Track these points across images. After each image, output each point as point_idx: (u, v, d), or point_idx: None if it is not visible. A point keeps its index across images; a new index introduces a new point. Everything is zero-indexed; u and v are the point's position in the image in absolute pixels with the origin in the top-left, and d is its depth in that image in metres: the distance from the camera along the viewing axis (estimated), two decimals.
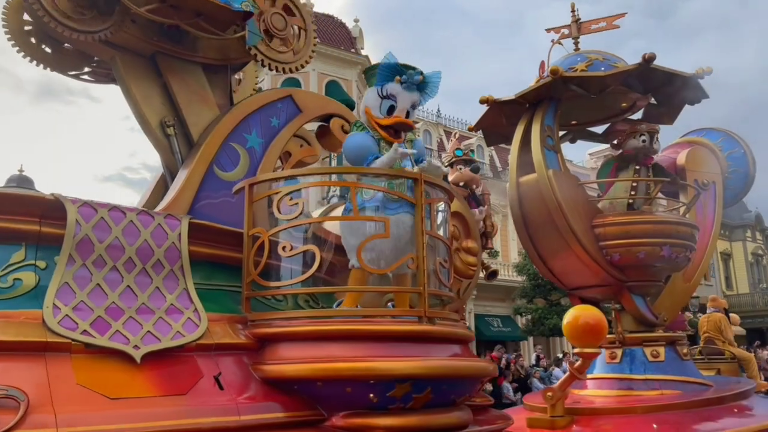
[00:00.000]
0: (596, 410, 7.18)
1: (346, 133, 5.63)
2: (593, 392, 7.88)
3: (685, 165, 8.72)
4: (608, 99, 8.23)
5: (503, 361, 26.30)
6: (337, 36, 35.62)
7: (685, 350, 7.98)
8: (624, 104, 8.43)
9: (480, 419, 4.94)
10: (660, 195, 8.52)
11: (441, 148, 37.97)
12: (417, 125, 37.89)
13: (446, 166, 6.88)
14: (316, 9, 36.77)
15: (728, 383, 8.36)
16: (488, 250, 6.90)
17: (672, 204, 8.44)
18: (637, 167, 7.99)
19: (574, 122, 8.86)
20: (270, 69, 5.33)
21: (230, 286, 4.29)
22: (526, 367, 25.15)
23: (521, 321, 36.24)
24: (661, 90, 8.12)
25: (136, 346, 3.46)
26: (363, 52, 35.80)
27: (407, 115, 4.32)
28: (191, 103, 5.06)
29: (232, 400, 3.51)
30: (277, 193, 4.01)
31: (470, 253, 5.98)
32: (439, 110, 40.28)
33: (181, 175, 4.78)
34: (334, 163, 20.89)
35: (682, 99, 8.29)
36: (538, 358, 26.73)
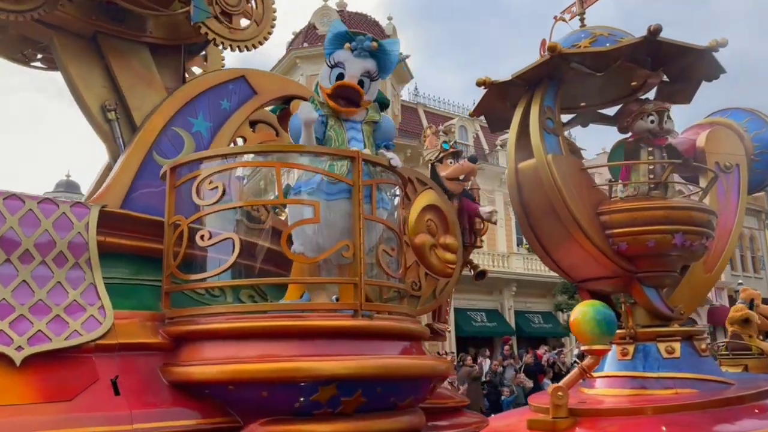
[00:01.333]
0: (602, 411, 6.55)
1: None
2: (602, 391, 7.24)
3: (705, 147, 7.96)
4: (617, 78, 7.58)
5: (546, 359, 25.51)
6: (370, 34, 35.19)
7: (703, 346, 7.26)
8: (634, 83, 7.75)
9: (451, 423, 4.45)
10: (679, 180, 7.83)
11: (477, 143, 37.24)
12: (452, 121, 37.24)
13: (434, 162, 6.35)
14: (349, 8, 36.52)
15: (753, 381, 7.60)
16: (478, 247, 6.37)
17: (689, 189, 7.71)
18: (650, 149, 7.30)
19: (582, 104, 8.21)
20: (224, 48, 4.90)
21: (157, 281, 3.87)
22: (568, 364, 24.34)
23: (562, 317, 35.27)
24: (672, 66, 7.42)
25: (19, 347, 3.07)
26: None
27: (361, 85, 3.85)
28: (134, 86, 4.69)
29: (126, 406, 3.09)
30: (196, 176, 3.59)
31: (448, 249, 5.49)
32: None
33: (118, 163, 4.40)
34: None
35: (698, 75, 7.57)
36: (582, 356, 25.95)
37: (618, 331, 7.44)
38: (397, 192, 3.99)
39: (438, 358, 3.75)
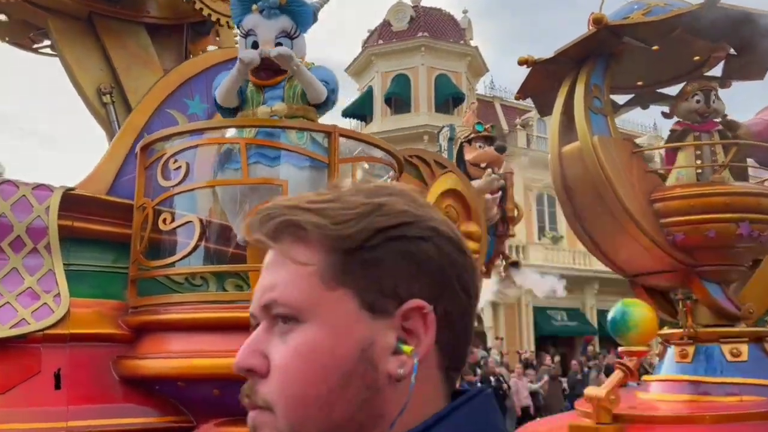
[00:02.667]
0: (653, 418, 5.92)
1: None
2: (658, 396, 6.58)
3: None
4: (677, 53, 6.89)
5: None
6: (445, 29, 34.77)
7: None
8: (696, 57, 7.02)
9: None
10: (752, 164, 7.08)
11: None
12: (529, 114, 36.10)
13: (463, 141, 5.86)
14: (423, 3, 36.09)
15: None
16: (511, 236, 5.86)
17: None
18: (696, 135, 6.60)
19: (639, 83, 7.53)
20: (221, 26, 4.62)
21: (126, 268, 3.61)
22: (655, 364, 23.13)
23: None
24: (737, 37, 6.67)
25: None
26: (472, 43, 34.65)
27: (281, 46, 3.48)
28: (131, 68, 4.47)
29: (64, 401, 2.83)
30: (163, 155, 3.30)
31: (471, 238, 5.03)
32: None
33: (108, 147, 4.19)
34: None
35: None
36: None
37: (675, 330, 6.80)
38: (389, 173, 3.56)
39: None
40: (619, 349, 5.28)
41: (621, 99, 7.87)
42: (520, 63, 6.88)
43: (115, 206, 3.56)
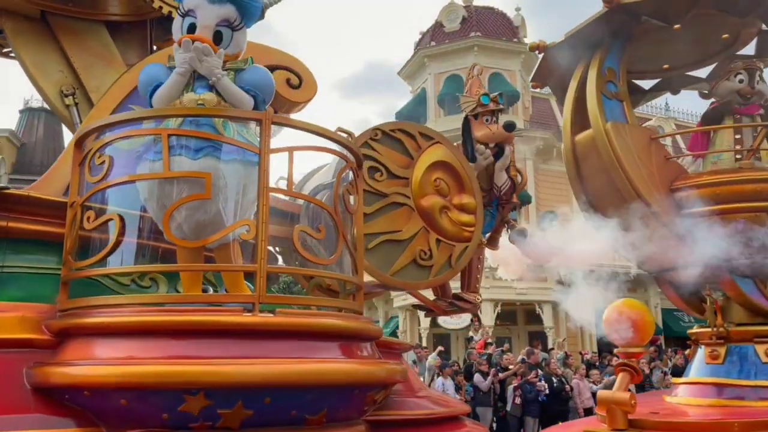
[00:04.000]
0: (674, 425, 5.37)
1: (293, 87, 4.56)
2: (686, 400, 6.02)
3: None
4: (702, 31, 6.32)
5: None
6: (498, 27, 34.11)
7: None
8: (725, 35, 6.42)
9: None
10: None
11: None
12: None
13: (469, 115, 5.36)
14: (475, 3, 35.49)
15: None
16: (515, 204, 5.36)
17: None
18: (737, 117, 6.01)
19: (665, 66, 6.96)
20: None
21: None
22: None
23: None
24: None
25: None
26: (526, 41, 33.84)
27: (220, 37, 3.19)
28: (92, 67, 4.29)
29: None
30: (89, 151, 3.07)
31: (465, 210, 4.65)
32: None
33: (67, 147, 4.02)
34: None
35: None
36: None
37: (705, 329, 6.23)
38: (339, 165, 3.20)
39: (379, 362, 2.96)
40: (615, 350, 4.82)
41: (648, 84, 7.32)
42: (532, 49, 6.47)
43: (51, 205, 3.36)
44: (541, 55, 6.52)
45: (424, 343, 26.57)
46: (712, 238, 5.65)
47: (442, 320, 29.68)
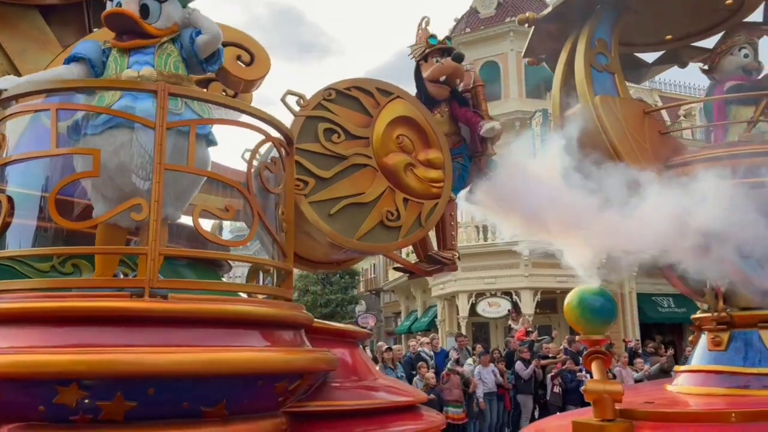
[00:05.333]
0: (669, 415, 5.01)
1: (246, 64, 4.35)
2: (687, 389, 5.63)
3: None
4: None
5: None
6: (534, 12, 33.31)
7: None
8: (729, 1, 5.96)
9: (397, 426, 3.43)
10: None
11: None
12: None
13: (419, 60, 5.05)
14: None
15: None
16: (491, 154, 5.03)
17: None
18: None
19: (668, 37, 6.52)
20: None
21: None
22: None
23: None
24: None
25: None
26: None
27: (147, 10, 3.00)
28: (26, 51, 4.17)
29: None
30: None
31: (432, 166, 4.41)
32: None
33: None
34: None
35: None
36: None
37: (706, 314, 5.82)
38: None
39: (295, 351, 2.71)
40: (577, 337, 4.51)
41: (652, 57, 6.89)
42: (521, 22, 6.12)
43: None
44: (531, 29, 6.16)
45: (463, 332, 26.28)
46: (713, 217, 5.26)
47: (480, 309, 29.34)
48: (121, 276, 3.22)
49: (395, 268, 5.30)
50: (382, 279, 39.15)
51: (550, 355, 16.89)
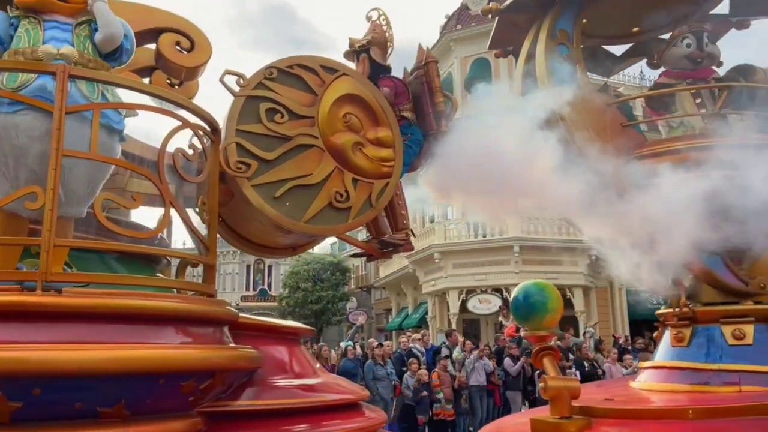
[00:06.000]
0: (628, 412, 4.90)
1: (186, 50, 4.20)
2: (649, 385, 5.53)
3: None
4: None
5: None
6: None
7: None
8: None
9: (336, 424, 3.30)
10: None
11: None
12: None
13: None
14: None
15: None
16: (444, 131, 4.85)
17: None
18: (689, 81, 5.46)
19: (635, 29, 6.40)
20: None
21: None
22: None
23: None
24: None
25: None
26: None
27: None
28: None
29: None
30: None
31: (382, 144, 4.28)
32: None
33: None
34: None
35: None
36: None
37: (668, 310, 5.70)
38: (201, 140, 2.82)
39: (206, 348, 2.58)
40: (523, 334, 4.39)
41: (617, 50, 6.77)
42: (484, 13, 5.98)
43: None
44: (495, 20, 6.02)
45: (453, 328, 26.20)
46: (676, 211, 5.14)
47: (471, 306, 29.24)
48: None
49: (352, 255, 5.15)
50: (373, 276, 39.05)
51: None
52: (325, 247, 49.62)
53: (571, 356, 18.97)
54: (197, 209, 2.93)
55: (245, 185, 3.86)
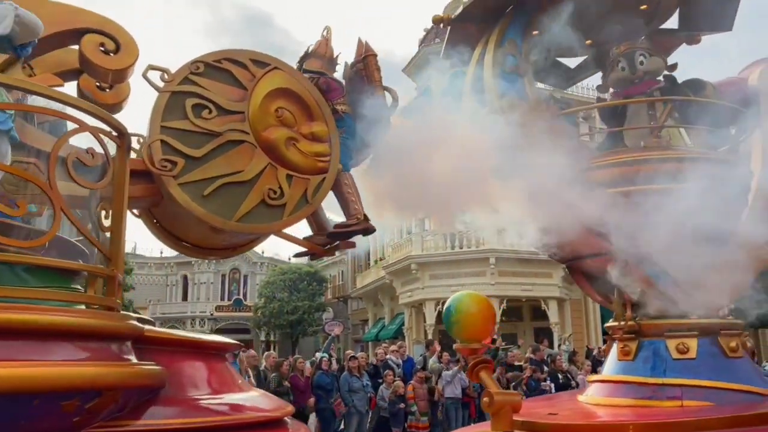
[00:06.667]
0: (567, 427, 4.81)
1: (108, 53, 4.02)
2: (595, 399, 5.43)
3: (758, 85, 5.80)
4: (621, 4, 5.75)
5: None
6: None
7: (733, 344, 5.20)
8: (643, 5, 5.82)
9: None
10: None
11: None
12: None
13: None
14: None
15: None
16: None
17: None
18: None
19: (588, 41, 6.36)
20: None
21: None
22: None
23: None
24: None
25: None
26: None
27: None
28: None
29: None
30: None
31: (317, 139, 4.17)
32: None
33: None
34: None
35: None
36: (752, 354, 22.25)
37: (614, 323, 5.63)
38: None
39: (99, 365, 2.43)
40: (455, 346, 4.28)
41: (572, 62, 6.73)
42: (435, 22, 5.94)
43: None
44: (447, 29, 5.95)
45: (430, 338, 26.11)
46: (621, 221, 5.07)
47: None
48: None
49: (295, 255, 4.99)
50: (350, 286, 38.82)
51: (516, 363, 16.70)
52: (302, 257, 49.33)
53: (545, 368, 18.94)
54: (96, 215, 2.79)
55: (171, 184, 3.73)
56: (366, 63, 4.71)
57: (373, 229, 4.53)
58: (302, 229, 4.61)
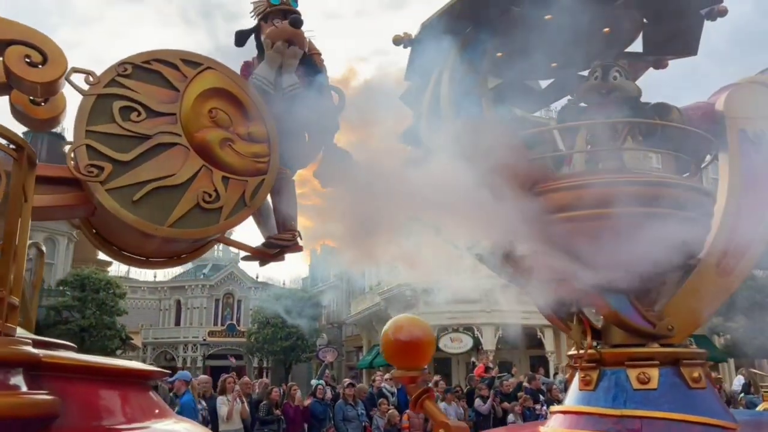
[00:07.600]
0: None
1: (34, 65, 3.85)
2: (556, 431, 5.21)
3: (725, 110, 5.67)
4: (584, 26, 5.62)
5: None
6: None
7: (696, 374, 4.99)
8: (605, 29, 5.72)
9: None
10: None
11: None
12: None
13: (259, 20, 4.62)
14: None
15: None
16: None
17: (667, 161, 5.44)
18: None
19: (554, 64, 6.25)
20: None
21: None
22: (729, 391, 20.45)
23: (718, 341, 30.64)
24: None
25: None
26: None
27: None
28: None
29: None
30: None
31: (254, 140, 4.02)
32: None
33: None
34: None
35: (691, 6, 5.44)
36: (748, 385, 21.85)
37: (571, 352, 5.44)
38: None
39: None
40: (392, 373, 4.10)
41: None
42: (396, 42, 5.80)
43: None
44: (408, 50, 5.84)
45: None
46: (578, 247, 4.91)
47: (442, 344, 28.76)
48: None
49: (243, 258, 4.81)
50: (345, 312, 38.52)
51: (508, 392, 16.44)
52: (296, 281, 49.03)
53: (541, 397, 18.61)
54: None
55: (99, 190, 3.58)
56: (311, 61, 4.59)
57: (301, 249, 4.39)
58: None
